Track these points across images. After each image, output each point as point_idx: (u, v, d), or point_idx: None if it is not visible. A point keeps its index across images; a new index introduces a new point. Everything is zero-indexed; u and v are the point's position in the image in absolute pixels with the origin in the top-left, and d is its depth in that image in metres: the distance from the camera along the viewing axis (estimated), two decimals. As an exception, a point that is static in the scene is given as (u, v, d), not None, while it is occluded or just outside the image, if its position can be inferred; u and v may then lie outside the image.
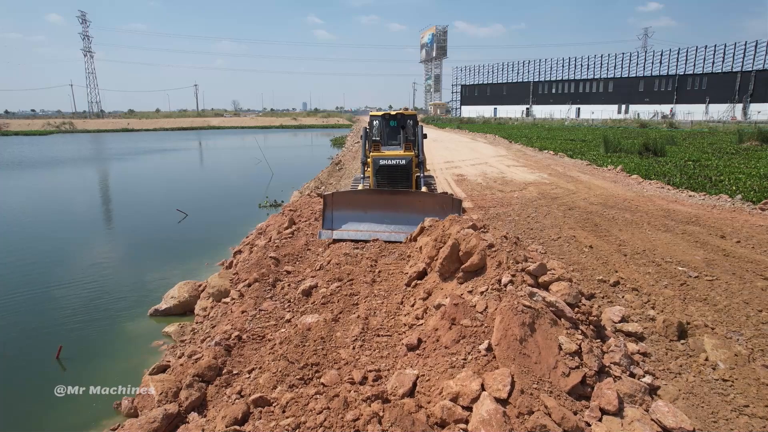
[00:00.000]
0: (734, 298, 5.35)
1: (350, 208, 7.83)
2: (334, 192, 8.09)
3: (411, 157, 9.11)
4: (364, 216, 7.77)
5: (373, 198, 7.84)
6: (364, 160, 10.10)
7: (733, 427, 3.35)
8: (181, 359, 4.67)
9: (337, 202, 7.84)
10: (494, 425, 2.87)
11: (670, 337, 4.65)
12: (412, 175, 9.11)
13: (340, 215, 7.83)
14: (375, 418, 2.77)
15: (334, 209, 7.83)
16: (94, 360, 5.73)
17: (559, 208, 10.30)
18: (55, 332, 6.40)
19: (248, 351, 4.60)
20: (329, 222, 7.81)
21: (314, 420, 2.87)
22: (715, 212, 9.81)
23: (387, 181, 9.03)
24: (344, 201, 7.87)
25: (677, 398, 3.70)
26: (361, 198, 7.93)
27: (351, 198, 7.96)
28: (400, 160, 8.97)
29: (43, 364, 5.66)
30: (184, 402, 3.73)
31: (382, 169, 8.97)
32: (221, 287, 6.47)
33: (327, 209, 7.83)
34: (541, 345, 3.70)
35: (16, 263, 9.69)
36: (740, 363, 4.06)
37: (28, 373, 5.54)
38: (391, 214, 7.70)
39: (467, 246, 4.92)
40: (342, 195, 8.03)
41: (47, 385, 4.99)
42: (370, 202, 7.79)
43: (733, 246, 7.26)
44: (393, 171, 8.96)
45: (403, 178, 9.02)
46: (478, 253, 4.75)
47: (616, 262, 6.67)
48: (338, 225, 7.79)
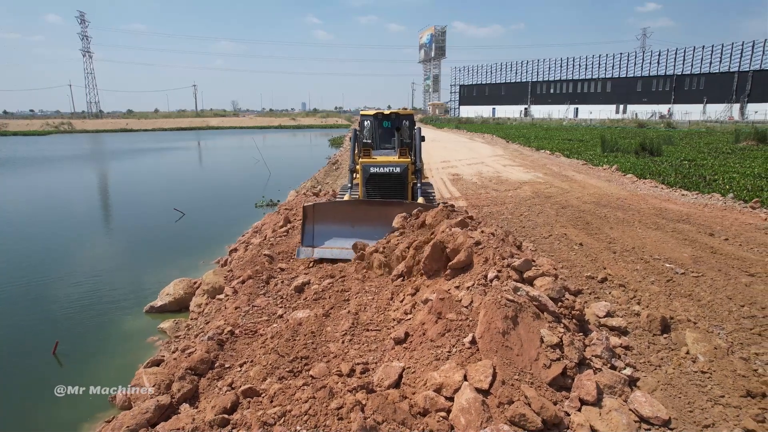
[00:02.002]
0: (718, 294, 5.45)
1: (335, 221, 6.86)
2: (316, 203, 7.10)
3: (406, 164, 8.00)
4: (351, 231, 6.77)
5: (360, 210, 6.86)
6: (352, 167, 8.80)
7: (707, 416, 3.46)
8: (174, 353, 4.78)
9: (319, 215, 6.87)
10: (473, 413, 2.97)
11: (654, 332, 4.75)
12: (407, 184, 8.08)
13: (323, 230, 6.88)
14: (358, 406, 2.88)
15: (315, 223, 6.87)
16: (89, 356, 5.83)
17: (552, 207, 10.40)
18: (51, 328, 6.49)
19: (240, 345, 4.70)
20: (310, 237, 6.85)
21: (299, 408, 2.98)
22: (707, 211, 9.92)
23: (378, 192, 7.96)
24: (327, 213, 6.90)
25: (656, 389, 3.80)
26: (347, 210, 6.95)
27: (335, 210, 7.00)
28: (393, 168, 7.87)
29: (41, 360, 5.75)
30: (176, 394, 3.82)
31: (373, 177, 7.90)
32: (216, 284, 6.58)
33: (307, 223, 6.85)
34: (523, 338, 3.80)
35: (13, 260, 9.78)
36: (719, 356, 4.16)
37: (26, 369, 5.62)
38: (382, 229, 6.61)
39: (455, 243, 5.02)
40: (325, 207, 7.08)
41: (46, 383, 5.06)
42: (358, 214, 6.81)
43: (721, 243, 7.37)
44: (386, 180, 7.92)
45: (398, 188, 7.96)
46: (464, 251, 4.85)
47: (605, 260, 6.78)
48: (320, 241, 6.85)
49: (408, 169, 8.03)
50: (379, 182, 7.95)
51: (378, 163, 7.98)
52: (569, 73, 78.83)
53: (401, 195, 7.97)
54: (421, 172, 8.65)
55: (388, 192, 7.97)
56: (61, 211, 15.55)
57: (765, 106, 54.17)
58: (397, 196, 7.93)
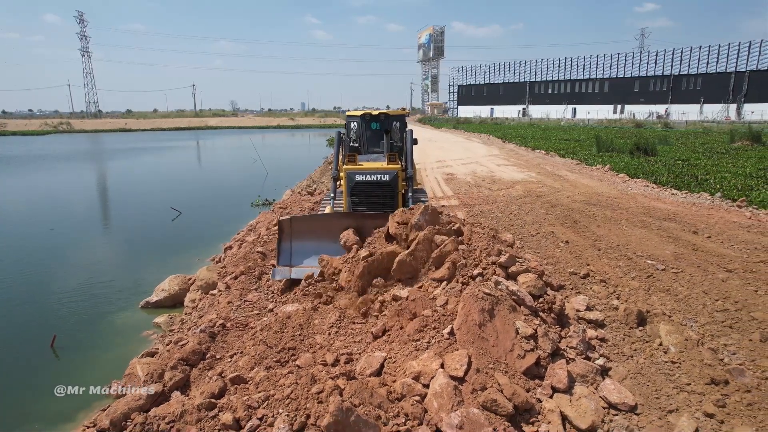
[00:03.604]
0: (695, 289, 5.63)
1: (315, 237, 6.06)
2: (293, 216, 6.34)
3: (396, 170, 7.21)
4: (334, 248, 5.94)
5: (344, 224, 6.09)
6: (335, 174, 7.94)
7: (672, 402, 3.64)
8: (168, 346, 4.95)
9: (297, 230, 6.11)
10: (445, 398, 3.15)
11: (630, 325, 4.93)
12: (397, 193, 7.32)
13: (302, 247, 6.09)
14: (336, 390, 3.05)
15: (293, 239, 6.09)
16: (86, 349, 6.01)
17: (543, 206, 10.58)
18: (49, 323, 6.68)
19: (231, 338, 4.87)
20: (287, 256, 6.03)
21: (282, 392, 3.15)
22: (694, 209, 10.10)
23: (365, 203, 7.19)
24: (307, 228, 6.16)
25: (626, 378, 3.98)
26: (329, 224, 6.20)
27: (316, 224, 6.28)
28: (382, 175, 7.09)
29: (39, 353, 5.92)
30: (168, 382, 4.00)
31: (359, 186, 7.12)
32: (209, 280, 6.76)
33: (284, 239, 6.09)
34: (499, 329, 3.98)
35: (11, 257, 9.95)
36: (689, 347, 4.34)
37: (24, 365, 5.77)
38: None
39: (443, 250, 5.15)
40: (304, 221, 6.34)
41: (46, 383, 5.12)
42: (341, 229, 6.04)
43: (703, 241, 7.55)
44: (373, 189, 7.16)
45: (387, 198, 7.21)
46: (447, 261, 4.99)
47: (589, 256, 6.96)
48: (299, 260, 6.05)
49: (398, 176, 7.28)
50: (365, 191, 7.19)
51: (364, 170, 7.17)
52: (567, 74, 79.16)
53: (391, 205, 7.10)
54: (413, 179, 7.81)
55: (375, 202, 7.18)
56: (59, 209, 15.72)
57: (761, 106, 54.45)
58: (386, 206, 7.03)
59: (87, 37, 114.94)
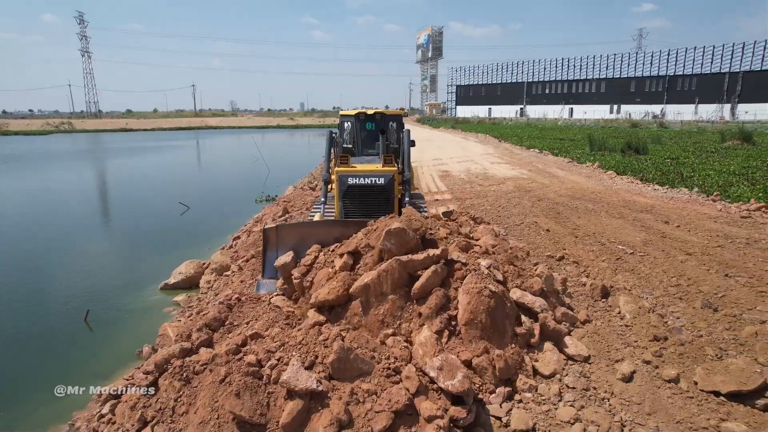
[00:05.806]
0: (656, 269, 6.35)
1: (303, 246, 5.60)
2: (279, 225, 5.93)
3: (392, 173, 6.69)
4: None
5: (335, 232, 5.63)
6: (326, 177, 7.41)
7: (619, 354, 4.35)
8: (191, 316, 5.65)
9: (283, 240, 5.68)
10: (428, 346, 3.84)
11: (595, 297, 5.64)
12: (393, 198, 6.75)
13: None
14: (339, 337, 3.75)
15: (279, 249, 5.65)
16: (114, 321, 6.74)
17: (530, 200, 11.30)
18: (80, 303, 7.39)
19: (246, 309, 5.57)
20: (272, 267, 5.61)
21: (295, 340, 3.86)
22: (671, 203, 10.81)
23: (358, 208, 6.66)
24: (294, 237, 5.69)
25: (584, 337, 4.69)
26: (318, 232, 5.70)
27: (304, 233, 5.74)
28: (377, 178, 6.57)
29: (74, 326, 6.64)
30: (195, 341, 4.70)
31: (352, 190, 6.61)
32: (223, 263, 7.46)
33: (269, 249, 5.70)
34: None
35: (41, 249, 10.70)
36: (642, 313, 5.05)
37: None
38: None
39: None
40: (290, 229, 5.84)
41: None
42: (332, 238, 5.60)
43: (672, 229, 8.27)
44: (367, 193, 6.63)
45: (382, 203, 6.66)
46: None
47: (567, 242, 7.67)
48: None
49: (394, 179, 6.71)
50: (359, 196, 6.66)
51: (358, 173, 6.63)
52: (564, 74, 79.98)
53: (386, 211, 6.43)
54: (410, 182, 7.31)
55: (370, 208, 6.62)
56: (74, 206, 16.43)
57: (755, 106, 55.28)
58: (381, 212, 6.27)
59: (87, 37, 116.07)
